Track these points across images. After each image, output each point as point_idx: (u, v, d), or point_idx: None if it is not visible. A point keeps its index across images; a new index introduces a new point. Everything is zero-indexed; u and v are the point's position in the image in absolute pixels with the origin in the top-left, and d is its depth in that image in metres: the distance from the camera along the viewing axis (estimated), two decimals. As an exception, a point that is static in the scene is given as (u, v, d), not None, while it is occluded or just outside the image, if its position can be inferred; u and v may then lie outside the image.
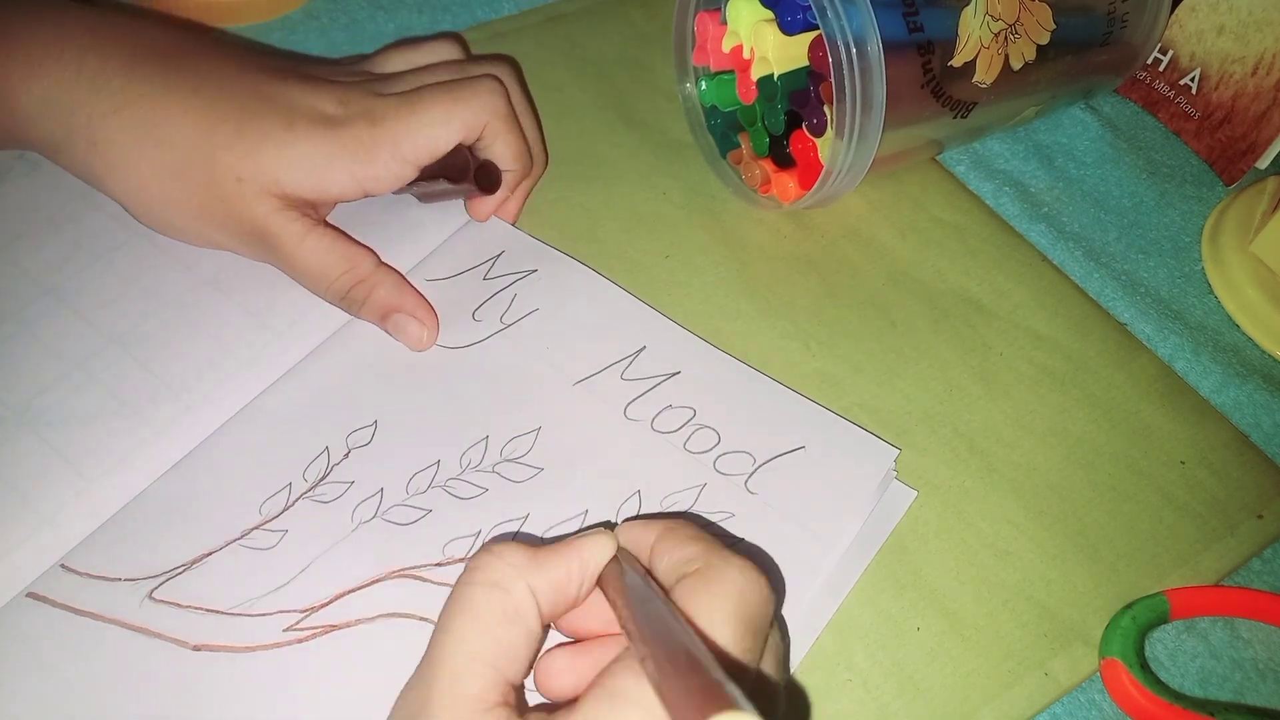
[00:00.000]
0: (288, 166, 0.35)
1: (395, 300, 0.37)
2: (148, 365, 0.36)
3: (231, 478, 0.34)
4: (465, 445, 0.35)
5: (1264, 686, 0.34)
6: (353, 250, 0.37)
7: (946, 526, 0.36)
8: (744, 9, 0.41)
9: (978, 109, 0.42)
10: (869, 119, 0.38)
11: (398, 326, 0.37)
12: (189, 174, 0.35)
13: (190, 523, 0.33)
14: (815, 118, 0.40)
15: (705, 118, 0.45)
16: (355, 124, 0.36)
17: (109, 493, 0.33)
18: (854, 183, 0.41)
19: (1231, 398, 0.41)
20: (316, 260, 0.36)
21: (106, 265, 0.39)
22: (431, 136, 0.37)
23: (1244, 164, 0.48)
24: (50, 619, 0.31)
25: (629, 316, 0.39)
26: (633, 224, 0.43)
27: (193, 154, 0.35)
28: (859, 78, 0.37)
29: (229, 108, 0.35)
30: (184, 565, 0.32)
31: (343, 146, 0.36)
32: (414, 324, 0.37)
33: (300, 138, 0.35)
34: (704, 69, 0.44)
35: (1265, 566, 0.37)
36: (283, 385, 0.36)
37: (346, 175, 0.36)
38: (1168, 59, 0.49)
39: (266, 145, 0.35)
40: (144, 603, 0.31)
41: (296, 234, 0.36)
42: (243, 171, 0.35)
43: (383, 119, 0.36)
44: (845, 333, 0.40)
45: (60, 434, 0.34)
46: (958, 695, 0.32)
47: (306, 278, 0.37)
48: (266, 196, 0.35)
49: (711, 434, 0.36)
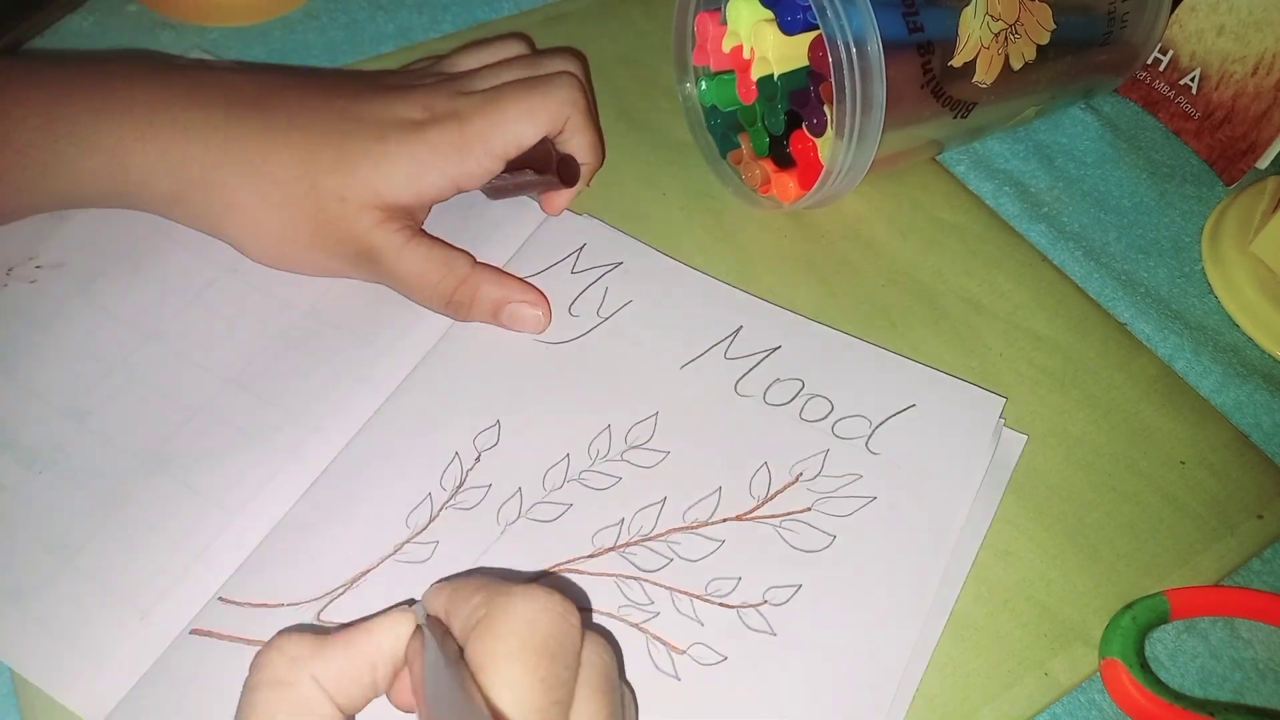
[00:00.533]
0: (385, 176, 0.36)
1: (502, 293, 0.38)
2: (266, 399, 0.37)
3: (370, 494, 0.34)
4: (590, 436, 0.36)
5: (1264, 686, 0.34)
6: (450, 254, 0.38)
7: (946, 526, 0.36)
8: (744, 9, 0.41)
9: (978, 109, 0.42)
10: (869, 119, 0.38)
11: (512, 316, 0.38)
12: (297, 203, 0.36)
13: (339, 543, 0.33)
14: (815, 118, 0.40)
15: (705, 118, 0.45)
16: (444, 125, 0.37)
17: (252, 522, 0.34)
18: (854, 183, 0.41)
19: (1231, 398, 0.41)
20: (417, 268, 0.37)
21: (204, 306, 0.39)
22: (518, 131, 0.38)
23: (1244, 164, 0.48)
24: (218, 652, 0.31)
25: (721, 299, 0.40)
26: (633, 224, 0.43)
27: (297, 184, 0.36)
28: (859, 78, 0.37)
29: (324, 134, 0.37)
30: (344, 585, 0.32)
31: (434, 149, 0.37)
32: (527, 308, 0.38)
33: (393, 147, 0.37)
34: (704, 69, 0.44)
35: (1265, 566, 0.37)
36: (399, 398, 0.37)
37: (440, 175, 0.37)
38: (1168, 59, 0.49)
39: (363, 161, 0.36)
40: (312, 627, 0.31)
41: (396, 245, 0.37)
42: (345, 191, 0.36)
43: (469, 117, 0.37)
44: (845, 333, 0.40)
45: (195, 474, 0.35)
46: (958, 695, 0.32)
47: (410, 287, 0.38)
48: (369, 210, 0.36)
49: (824, 402, 0.37)
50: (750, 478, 0.35)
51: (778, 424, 0.36)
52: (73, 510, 0.34)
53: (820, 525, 0.34)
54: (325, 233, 0.37)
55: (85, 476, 0.34)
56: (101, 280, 0.39)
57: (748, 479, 0.35)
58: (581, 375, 0.38)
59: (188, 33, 0.50)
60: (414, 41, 0.50)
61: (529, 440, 0.36)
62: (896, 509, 0.34)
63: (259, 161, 0.36)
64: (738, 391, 0.37)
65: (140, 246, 0.40)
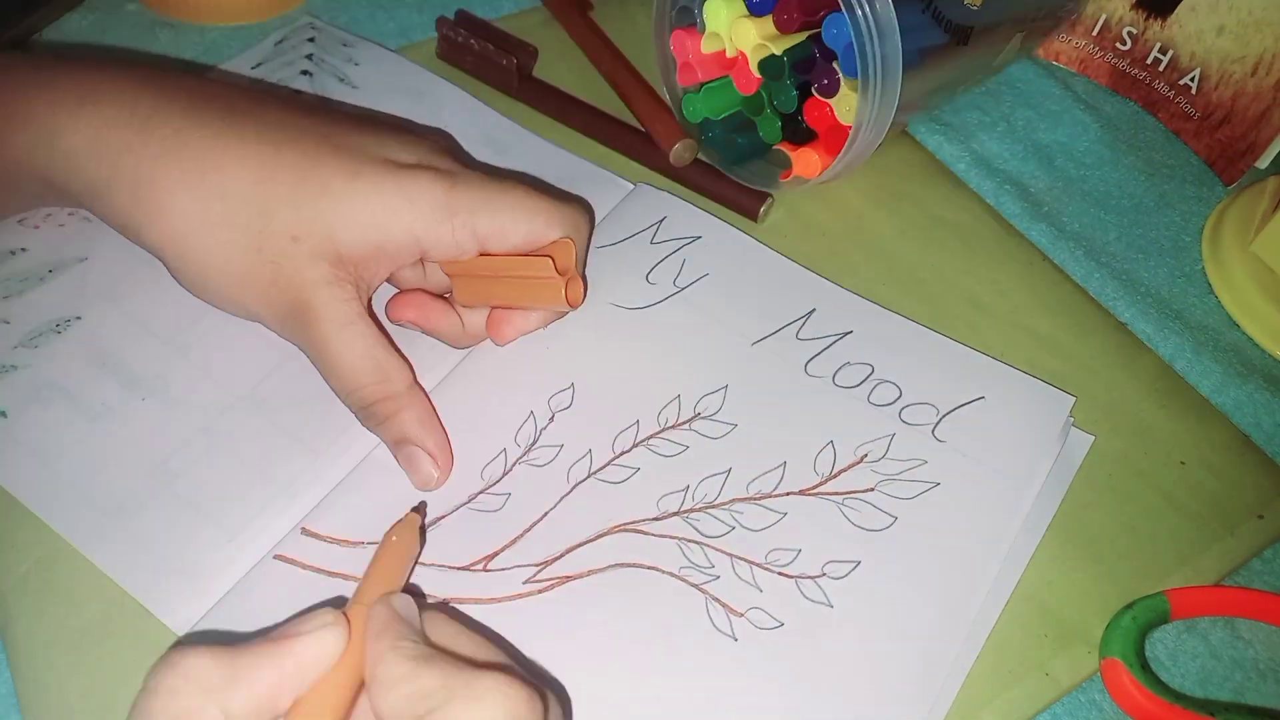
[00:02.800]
0: (345, 217, 0.32)
1: (417, 433, 0.33)
2: None
3: None
4: (660, 404, 0.37)
5: (1264, 686, 0.34)
6: (392, 360, 0.33)
7: (947, 526, 0.36)
8: (720, 9, 0.41)
9: (974, 36, 0.42)
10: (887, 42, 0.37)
11: (410, 459, 0.34)
12: (239, 228, 0.31)
13: (416, 492, 0.34)
14: (825, 78, 0.40)
15: (700, 132, 0.45)
16: (427, 178, 0.33)
17: (334, 462, 0.35)
18: (880, 134, 0.40)
19: (1232, 398, 0.41)
20: (350, 357, 0.32)
21: None
22: (513, 219, 0.34)
23: (1243, 164, 0.48)
24: (299, 579, 0.32)
25: (795, 280, 0.41)
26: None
27: (245, 206, 0.31)
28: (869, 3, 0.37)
29: (293, 155, 0.32)
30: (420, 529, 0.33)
31: (408, 197, 0.32)
32: (428, 462, 0.34)
33: (363, 186, 0.32)
34: (694, 87, 0.44)
35: (1265, 566, 0.37)
36: (479, 354, 0.38)
37: (406, 231, 0.32)
38: (1168, 59, 0.49)
39: (324, 197, 0.32)
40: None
41: (339, 318, 0.32)
42: (297, 228, 0.31)
43: (462, 184, 0.33)
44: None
45: (285, 415, 0.36)
46: (958, 695, 0.32)
47: (332, 373, 0.33)
48: (318, 261, 0.32)
49: (893, 388, 0.37)
50: (815, 455, 0.36)
51: (845, 405, 0.37)
52: (173, 437, 0.35)
53: (882, 506, 0.34)
54: (261, 273, 0.32)
55: (184, 408, 0.36)
56: None
57: (813, 456, 0.36)
58: (655, 344, 0.38)
59: (187, 32, 0.50)
60: (414, 40, 0.50)
61: (601, 404, 0.37)
62: (959, 496, 0.35)
63: (208, 169, 0.31)
64: (808, 372, 0.38)
65: None
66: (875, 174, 0.45)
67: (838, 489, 0.35)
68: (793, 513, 0.34)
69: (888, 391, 0.37)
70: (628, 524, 0.34)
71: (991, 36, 0.44)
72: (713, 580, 0.33)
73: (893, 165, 0.46)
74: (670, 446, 0.36)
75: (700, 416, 0.36)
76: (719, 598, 0.32)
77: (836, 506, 0.34)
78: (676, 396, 0.37)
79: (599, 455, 0.35)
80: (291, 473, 0.35)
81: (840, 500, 0.34)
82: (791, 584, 0.33)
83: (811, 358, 0.38)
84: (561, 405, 0.37)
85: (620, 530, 0.34)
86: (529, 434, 0.36)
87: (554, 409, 0.36)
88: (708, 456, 0.35)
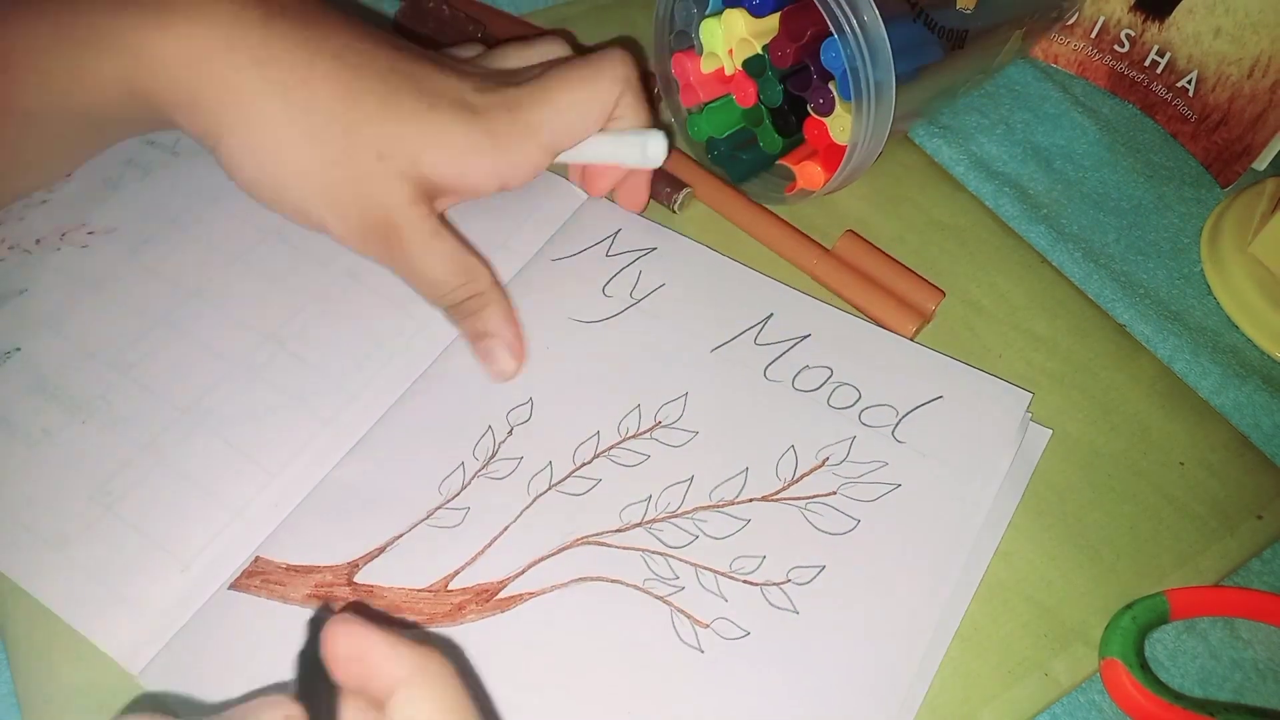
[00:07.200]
0: (432, 147, 0.33)
1: (499, 325, 0.36)
2: (304, 359, 0.37)
3: (406, 461, 0.35)
4: (620, 414, 0.37)
5: (1264, 686, 0.34)
6: (474, 262, 0.36)
7: (946, 527, 0.36)
8: (716, 29, 0.42)
9: (970, 40, 0.42)
10: (878, 56, 0.37)
11: (489, 352, 0.36)
12: (327, 143, 0.32)
13: (374, 507, 0.34)
14: (820, 97, 0.40)
15: (706, 151, 0.45)
16: (495, 113, 0.35)
17: (290, 484, 0.34)
18: (878, 147, 0.40)
19: (1231, 398, 0.41)
20: (440, 266, 0.35)
21: (245, 266, 0.39)
22: (568, 122, 0.36)
23: (1239, 166, 0.48)
24: (257, 609, 0.32)
25: (752, 287, 0.40)
26: (633, 226, 0.43)
27: (332, 122, 0.32)
28: (856, 11, 0.36)
29: (373, 80, 0.33)
30: (378, 548, 0.33)
31: (485, 134, 0.34)
32: (507, 355, 0.36)
33: (445, 120, 0.33)
34: (697, 108, 0.44)
35: (1265, 566, 0.37)
36: (436, 370, 0.38)
37: (488, 166, 0.35)
38: (1165, 61, 0.50)
39: (411, 122, 0.33)
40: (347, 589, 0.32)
41: (425, 233, 0.34)
42: (385, 147, 0.33)
43: (519, 107, 0.35)
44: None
45: (235, 430, 0.35)
46: (958, 695, 0.32)
47: (423, 282, 0.35)
48: (404, 180, 0.33)
49: (852, 390, 0.37)
50: (777, 460, 0.36)
51: (806, 409, 0.37)
52: (115, 459, 0.34)
53: (845, 509, 0.34)
54: (345, 187, 0.33)
55: (127, 425, 0.35)
56: (150, 243, 0.40)
57: (774, 461, 0.35)
58: (613, 355, 0.38)
59: None
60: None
61: (560, 416, 0.36)
62: (921, 496, 0.35)
63: (293, 83, 0.32)
64: (767, 376, 0.38)
65: (187, 213, 0.40)
66: (874, 177, 0.45)
67: (800, 494, 0.35)
68: (756, 519, 0.34)
69: (847, 394, 0.37)
70: (590, 536, 0.34)
71: (988, 39, 0.44)
72: (677, 592, 0.33)
73: (892, 169, 0.46)
74: (632, 456, 0.36)
75: (661, 425, 0.36)
76: (684, 609, 0.32)
77: (799, 511, 0.34)
78: (637, 406, 0.37)
79: (560, 467, 0.35)
80: (246, 496, 0.34)
81: (803, 505, 0.34)
82: (757, 591, 0.33)
83: (771, 362, 0.38)
84: (520, 419, 0.36)
85: (583, 543, 0.34)
86: (487, 447, 0.36)
87: (512, 423, 0.36)
88: (670, 465, 0.35)
